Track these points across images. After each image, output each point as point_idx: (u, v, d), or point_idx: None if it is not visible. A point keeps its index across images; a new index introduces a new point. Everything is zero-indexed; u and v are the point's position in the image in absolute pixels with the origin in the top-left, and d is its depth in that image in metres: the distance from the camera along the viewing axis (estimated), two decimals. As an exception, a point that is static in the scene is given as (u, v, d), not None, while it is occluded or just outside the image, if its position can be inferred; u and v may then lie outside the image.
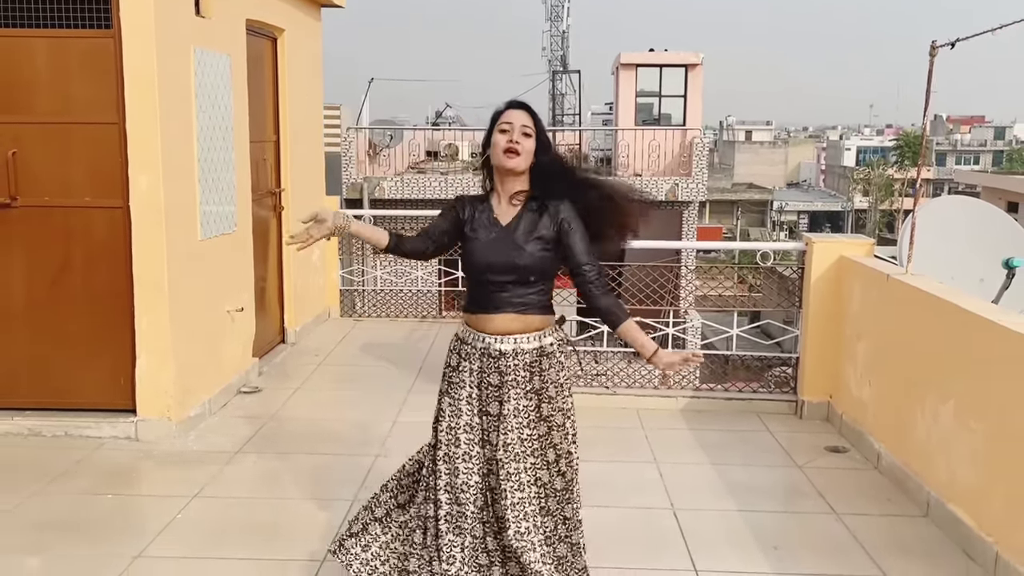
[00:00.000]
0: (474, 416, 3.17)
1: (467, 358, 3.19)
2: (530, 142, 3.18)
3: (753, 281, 31.47)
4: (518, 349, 3.15)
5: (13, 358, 5.41)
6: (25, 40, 5.17)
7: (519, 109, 3.24)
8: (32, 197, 5.27)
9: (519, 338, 3.15)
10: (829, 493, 4.81)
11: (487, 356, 3.15)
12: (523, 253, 3.14)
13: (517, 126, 3.17)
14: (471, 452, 3.14)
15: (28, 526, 4.24)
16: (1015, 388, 3.84)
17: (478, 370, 3.17)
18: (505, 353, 3.14)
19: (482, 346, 3.16)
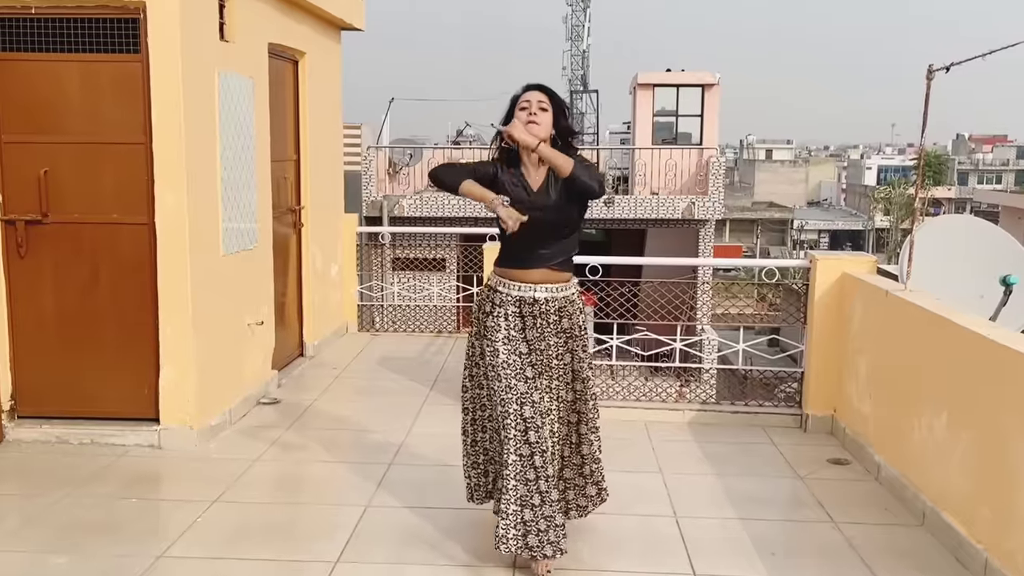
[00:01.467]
0: (511, 355, 3.85)
1: (501, 304, 3.88)
2: (546, 116, 3.82)
3: (773, 299, 31.55)
4: (550, 297, 3.89)
5: (43, 368, 5.64)
6: (58, 64, 5.41)
7: (535, 90, 3.88)
8: (62, 214, 5.50)
9: (550, 287, 3.89)
10: (829, 503, 4.94)
11: (524, 303, 3.87)
12: (550, 208, 3.82)
13: (534, 102, 3.81)
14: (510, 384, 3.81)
15: (58, 527, 4.44)
16: (1002, 400, 3.97)
17: (513, 314, 3.87)
18: (538, 300, 3.87)
19: (518, 294, 3.87)
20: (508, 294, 3.89)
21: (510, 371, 3.82)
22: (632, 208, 19.55)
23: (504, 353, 3.84)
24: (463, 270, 9.77)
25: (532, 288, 3.87)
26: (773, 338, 7.78)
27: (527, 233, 3.75)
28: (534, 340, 3.87)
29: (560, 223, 3.87)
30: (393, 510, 4.68)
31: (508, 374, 3.81)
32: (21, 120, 5.44)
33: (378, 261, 16.15)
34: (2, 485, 5.03)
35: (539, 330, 3.87)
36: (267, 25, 6.77)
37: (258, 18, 6.54)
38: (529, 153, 3.81)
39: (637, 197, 20.01)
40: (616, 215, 19.47)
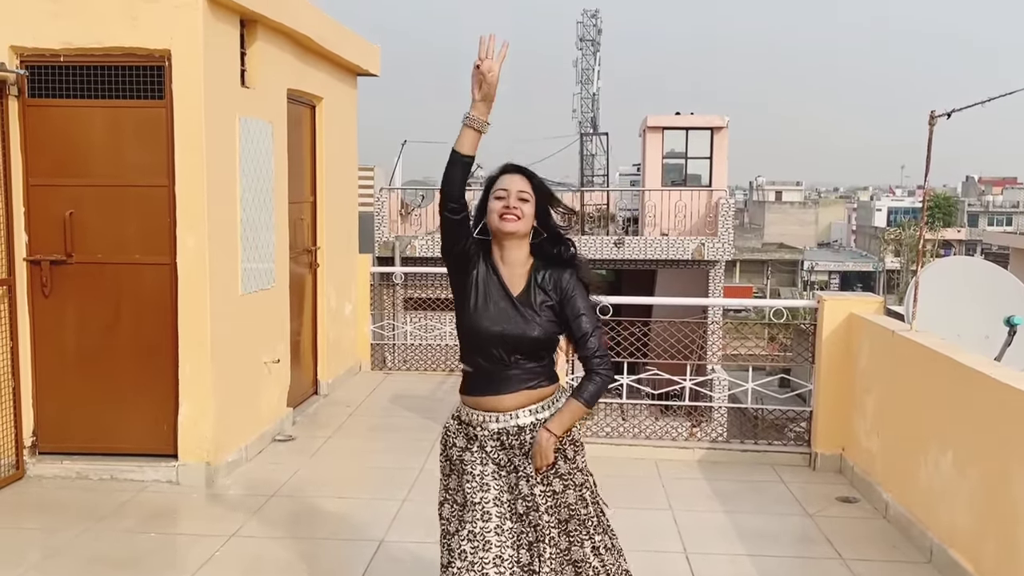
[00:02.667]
0: (502, 492, 3.03)
1: (475, 440, 3.07)
2: (528, 207, 3.05)
3: (784, 340, 31.54)
4: (536, 420, 3.04)
5: (64, 405, 5.75)
6: (84, 110, 5.60)
7: (515, 174, 3.09)
8: (86, 254, 5.65)
9: (535, 408, 3.05)
10: (837, 540, 5.00)
11: (506, 435, 3.03)
12: (534, 325, 3.01)
13: (513, 191, 3.04)
14: (503, 526, 3.00)
15: (80, 561, 4.54)
16: (1007, 438, 4.05)
17: (493, 449, 3.05)
18: (524, 427, 3.03)
19: (496, 427, 3.03)
20: (485, 426, 3.05)
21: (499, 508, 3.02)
22: (642, 249, 19.67)
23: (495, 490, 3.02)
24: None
25: (513, 415, 3.02)
26: (783, 378, 7.83)
27: (491, 344, 3.00)
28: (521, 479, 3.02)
29: (536, 342, 3.02)
30: (407, 545, 4.75)
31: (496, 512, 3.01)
32: (48, 163, 5.62)
33: (390, 301, 16.29)
34: (24, 520, 5.12)
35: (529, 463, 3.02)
36: (286, 71, 6.96)
37: (277, 65, 6.73)
38: (505, 242, 3.06)
39: (647, 238, 20.14)
40: (626, 255, 19.59)
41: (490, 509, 2.98)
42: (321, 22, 7.37)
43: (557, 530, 3.03)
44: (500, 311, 3.01)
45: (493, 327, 2.99)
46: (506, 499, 3.02)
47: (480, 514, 2.98)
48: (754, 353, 19.84)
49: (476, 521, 2.97)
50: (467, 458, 3.06)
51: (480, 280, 3.05)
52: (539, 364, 3.05)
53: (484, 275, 3.05)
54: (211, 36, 5.54)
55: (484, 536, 2.96)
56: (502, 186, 3.05)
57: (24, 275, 5.64)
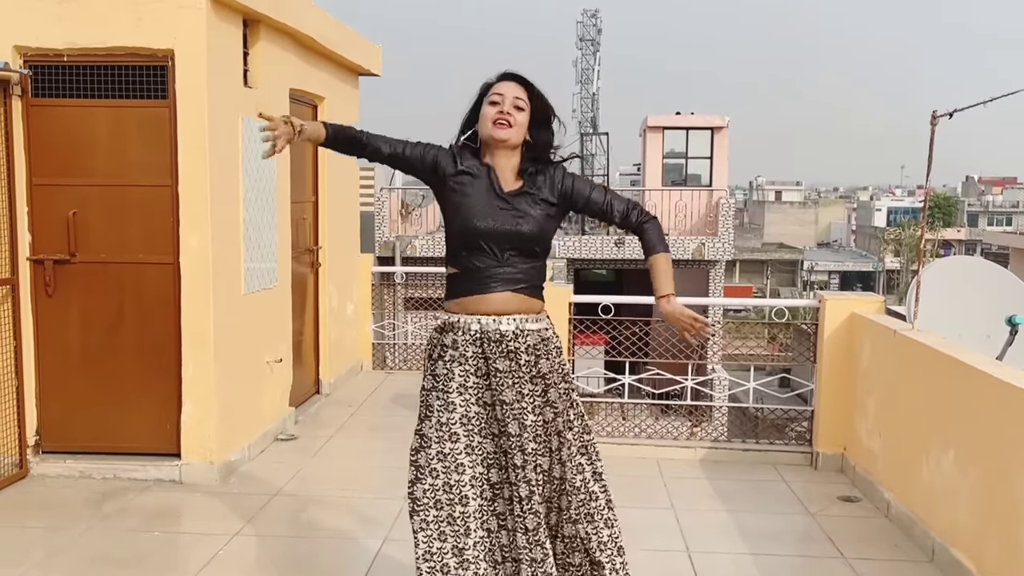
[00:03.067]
0: (470, 406, 2.96)
1: (456, 346, 2.96)
2: (522, 116, 2.99)
3: (784, 340, 31.56)
4: (520, 330, 2.95)
5: (67, 404, 5.76)
6: (87, 109, 5.60)
7: (512, 81, 3.03)
8: (89, 254, 5.66)
9: (520, 318, 2.97)
10: (839, 539, 5.01)
11: (487, 340, 2.95)
12: (529, 219, 2.96)
13: (509, 97, 2.98)
14: (472, 443, 2.97)
15: (83, 559, 4.55)
16: (1008, 437, 4.06)
17: (474, 355, 2.95)
18: (505, 335, 2.94)
19: (478, 328, 2.94)
20: (465, 328, 2.96)
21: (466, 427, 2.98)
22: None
23: (461, 406, 2.97)
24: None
25: (496, 320, 2.95)
26: (784, 377, 7.86)
27: (482, 239, 2.95)
28: (500, 391, 2.96)
29: (535, 239, 2.99)
30: (409, 543, 4.75)
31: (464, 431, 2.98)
32: (51, 163, 5.62)
33: (391, 300, 16.30)
34: (27, 519, 5.13)
35: (507, 376, 2.95)
36: (288, 71, 6.97)
37: (280, 65, 6.74)
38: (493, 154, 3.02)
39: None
40: (626, 255, 19.61)
41: (457, 430, 2.96)
42: (323, 22, 7.39)
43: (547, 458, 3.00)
44: (491, 207, 2.97)
45: (483, 222, 2.95)
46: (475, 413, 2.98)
47: (448, 434, 2.96)
48: (755, 353, 19.87)
49: (444, 441, 2.97)
50: (439, 370, 3.00)
51: (467, 180, 3.01)
52: (530, 265, 3.01)
53: (472, 176, 3.01)
54: (214, 36, 5.55)
55: (455, 457, 2.96)
56: (498, 91, 3.01)
57: (27, 274, 5.65)
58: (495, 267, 2.95)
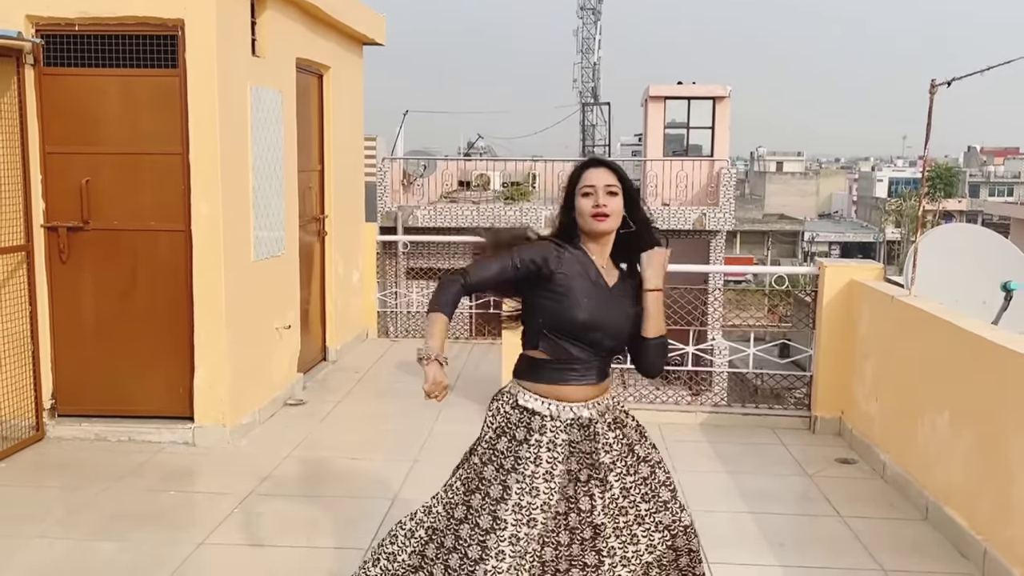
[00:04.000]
0: (553, 494, 2.84)
1: (542, 431, 2.88)
2: (616, 201, 2.95)
3: (784, 310, 31.74)
4: (605, 410, 2.95)
5: (82, 369, 5.89)
6: (99, 79, 5.68)
7: (600, 168, 2.99)
8: (102, 221, 5.76)
9: (602, 399, 2.96)
10: (836, 499, 5.15)
11: (576, 426, 2.90)
12: (630, 317, 2.95)
13: (600, 187, 2.93)
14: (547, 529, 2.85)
15: (102, 517, 4.69)
16: (1002, 398, 4.19)
17: (564, 442, 2.88)
18: (594, 419, 2.91)
19: (572, 416, 2.89)
20: (555, 417, 2.88)
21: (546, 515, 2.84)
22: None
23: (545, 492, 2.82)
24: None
25: (586, 406, 2.90)
26: (784, 346, 7.96)
27: (587, 333, 2.89)
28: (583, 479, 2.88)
29: (627, 335, 2.97)
30: (419, 503, 4.89)
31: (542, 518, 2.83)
32: (64, 132, 5.71)
33: (392, 270, 16.41)
34: (46, 479, 5.27)
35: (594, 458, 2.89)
36: (295, 41, 7.04)
37: (287, 34, 6.81)
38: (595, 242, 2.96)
39: (649, 208, 20.14)
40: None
41: (536, 515, 2.83)
42: (329, -9, 7.44)
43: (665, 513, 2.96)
44: (600, 303, 2.90)
45: (594, 318, 2.88)
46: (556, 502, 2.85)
47: (526, 519, 2.81)
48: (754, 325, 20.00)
49: (520, 525, 2.81)
50: (522, 454, 2.86)
51: (573, 273, 2.91)
52: (612, 357, 3.01)
53: (576, 268, 2.92)
54: (223, 5, 5.62)
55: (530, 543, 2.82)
56: (588, 182, 2.95)
57: (42, 242, 5.76)
58: (592, 358, 2.93)
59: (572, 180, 3.00)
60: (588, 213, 2.91)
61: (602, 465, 2.88)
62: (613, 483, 2.89)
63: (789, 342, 7.39)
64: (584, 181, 2.95)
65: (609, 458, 2.90)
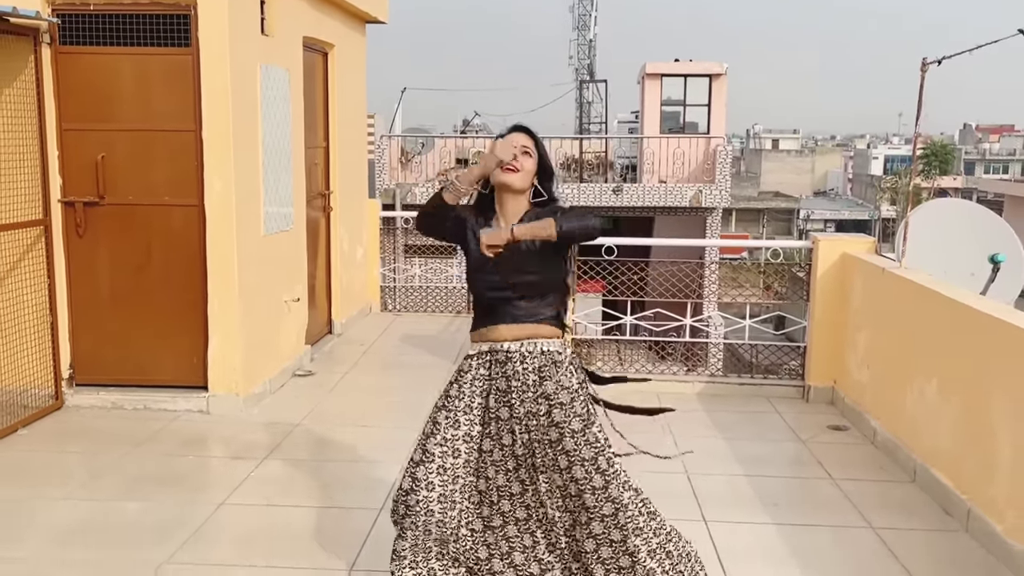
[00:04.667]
0: (474, 425, 3.19)
1: (469, 369, 3.23)
2: (530, 161, 3.22)
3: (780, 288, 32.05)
4: (527, 353, 3.17)
5: (99, 339, 6.07)
6: (114, 57, 5.83)
7: (520, 132, 3.29)
8: (118, 196, 5.92)
9: (526, 342, 3.19)
10: (828, 463, 5.37)
11: (494, 362, 3.19)
12: (532, 267, 3.18)
13: (516, 145, 3.22)
14: (470, 459, 3.20)
15: (124, 479, 4.89)
16: (986, 364, 4.39)
17: (484, 377, 3.20)
18: (511, 355, 3.17)
19: (486, 349, 3.21)
20: (479, 354, 3.23)
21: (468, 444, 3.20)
22: (640, 196, 19.93)
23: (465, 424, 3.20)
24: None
25: (505, 344, 3.19)
26: (779, 315, 8.16)
27: (491, 290, 3.21)
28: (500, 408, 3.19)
29: (534, 285, 3.20)
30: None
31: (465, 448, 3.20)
32: (79, 109, 5.87)
33: (391, 247, 16.58)
34: (66, 445, 5.47)
35: (513, 397, 3.16)
36: (302, 19, 7.18)
37: (294, 13, 6.95)
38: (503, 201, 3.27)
39: (645, 185, 20.38)
40: (625, 203, 19.85)
41: (460, 447, 3.19)
42: (334, -29, 7.57)
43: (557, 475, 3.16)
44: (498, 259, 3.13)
45: (490, 274, 3.18)
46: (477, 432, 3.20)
47: (451, 451, 3.18)
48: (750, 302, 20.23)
49: (447, 456, 3.18)
50: (451, 392, 3.24)
51: (476, 231, 3.21)
52: (540, 305, 3.21)
53: (480, 225, 3.24)
54: (234, -15, 5.76)
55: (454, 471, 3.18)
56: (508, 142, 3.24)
57: (59, 216, 5.92)
58: (503, 306, 3.20)
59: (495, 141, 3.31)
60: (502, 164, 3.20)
61: (516, 410, 3.16)
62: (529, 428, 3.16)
63: (784, 314, 7.59)
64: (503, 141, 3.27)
65: (524, 409, 3.16)
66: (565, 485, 3.17)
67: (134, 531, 4.29)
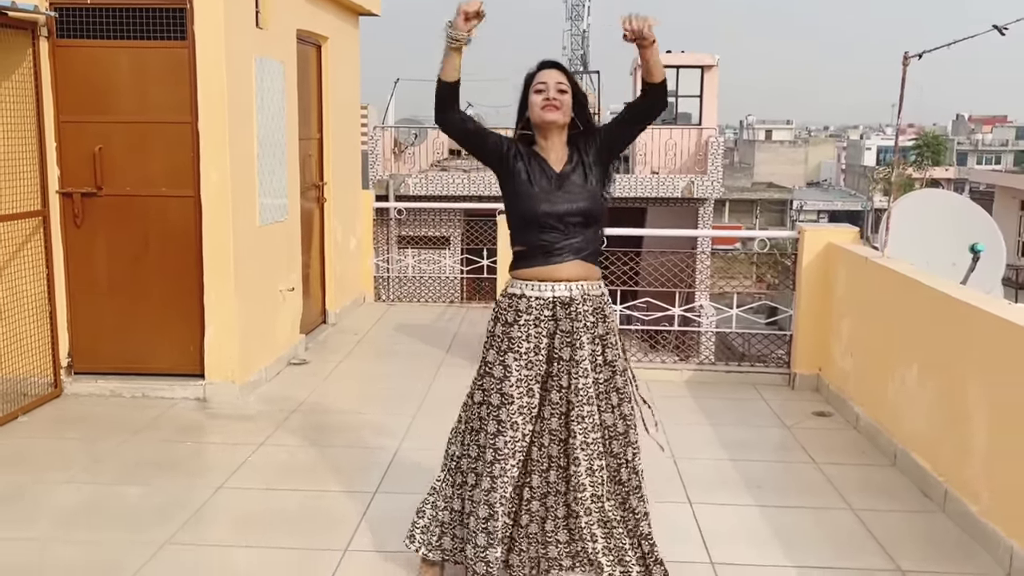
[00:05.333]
0: (542, 364, 3.28)
1: (528, 311, 3.28)
2: (567, 97, 3.29)
3: (772, 279, 32.18)
4: (586, 295, 3.30)
5: (97, 328, 6.18)
6: (111, 50, 5.92)
7: (552, 68, 3.34)
8: (115, 187, 6.02)
9: (586, 284, 3.31)
10: (811, 448, 5.50)
11: (558, 305, 3.28)
12: (583, 192, 3.29)
13: (552, 84, 3.28)
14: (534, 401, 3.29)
15: (126, 464, 5.01)
16: (962, 350, 4.52)
17: (548, 318, 3.28)
18: (575, 299, 3.28)
19: (552, 295, 3.28)
20: (540, 297, 3.29)
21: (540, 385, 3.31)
22: (633, 187, 20.04)
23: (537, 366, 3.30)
24: (468, 244, 10.36)
25: (568, 287, 3.29)
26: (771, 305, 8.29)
27: (547, 219, 3.28)
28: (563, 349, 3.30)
29: (588, 212, 3.31)
30: (422, 452, 5.22)
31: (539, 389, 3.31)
32: (77, 101, 5.96)
33: (384, 238, 16.68)
34: (66, 431, 5.57)
35: (573, 338, 3.28)
36: (296, 12, 7.27)
37: (288, 6, 7.04)
38: (546, 136, 3.34)
39: (637, 176, 20.49)
40: (617, 194, 19.95)
41: (534, 387, 3.28)
42: (328, -36, 7.66)
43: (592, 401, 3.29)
44: (547, 189, 3.29)
45: (541, 205, 3.27)
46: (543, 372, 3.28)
47: (526, 390, 3.27)
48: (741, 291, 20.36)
49: (523, 396, 3.27)
50: (514, 334, 3.29)
51: (524, 167, 3.32)
52: (590, 235, 3.33)
53: (527, 162, 3.33)
54: (230, -21, 5.85)
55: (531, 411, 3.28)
56: (541, 80, 3.30)
57: (57, 207, 6.02)
58: (561, 240, 3.28)
59: (527, 81, 3.35)
60: (539, 105, 3.28)
61: (578, 353, 3.26)
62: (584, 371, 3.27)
63: (771, 303, 7.72)
64: (537, 79, 3.31)
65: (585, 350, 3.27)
66: (614, 423, 3.36)
67: (135, 513, 4.40)
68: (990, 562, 4.02)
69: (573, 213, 3.28)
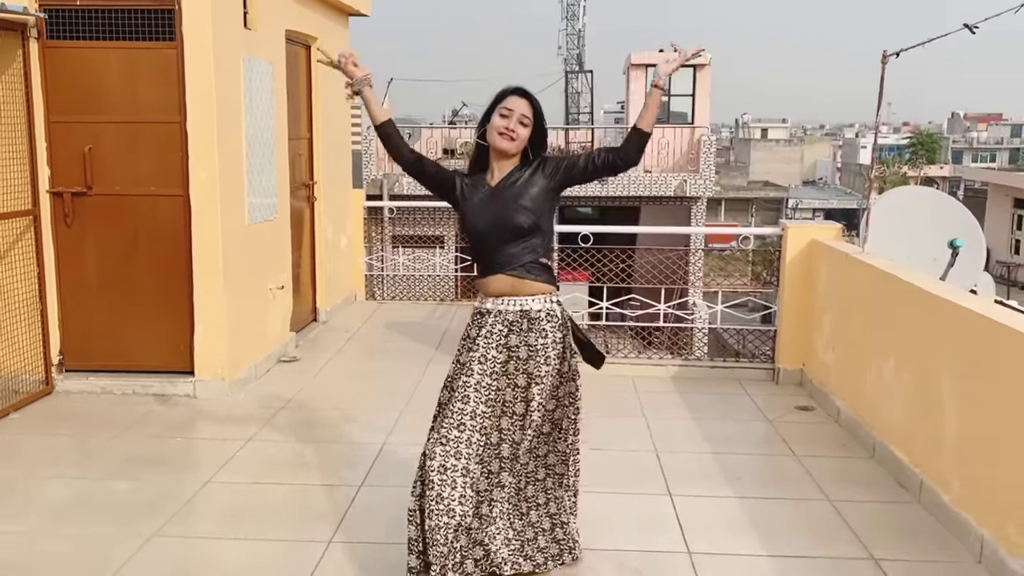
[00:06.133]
0: (485, 376, 3.37)
1: (480, 324, 3.43)
2: (525, 131, 3.39)
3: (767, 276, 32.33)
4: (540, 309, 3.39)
5: (88, 326, 6.25)
6: (100, 51, 5.99)
7: (523, 98, 3.41)
8: (105, 186, 6.09)
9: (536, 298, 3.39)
10: (793, 441, 5.58)
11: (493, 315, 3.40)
12: (514, 207, 3.36)
13: (516, 114, 3.37)
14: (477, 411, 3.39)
15: (114, 460, 5.08)
16: (935, 343, 4.60)
17: (498, 332, 3.37)
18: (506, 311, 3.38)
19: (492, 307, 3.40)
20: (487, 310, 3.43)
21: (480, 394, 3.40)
22: (626, 186, 20.12)
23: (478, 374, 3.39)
24: (462, 242, 10.43)
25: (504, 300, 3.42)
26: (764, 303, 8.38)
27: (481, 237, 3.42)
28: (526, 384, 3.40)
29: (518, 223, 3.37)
30: (408, 447, 5.29)
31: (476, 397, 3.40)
32: (67, 102, 6.03)
33: (378, 237, 16.75)
34: (58, 428, 5.64)
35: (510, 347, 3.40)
36: (284, 13, 7.34)
37: (276, 7, 7.11)
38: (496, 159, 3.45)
39: (631, 175, 20.56)
40: (610, 192, 20.05)
41: (469, 393, 3.38)
42: (316, -35, 7.72)
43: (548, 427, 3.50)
44: (478, 204, 3.43)
45: (471, 218, 3.44)
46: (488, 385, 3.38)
47: (460, 396, 3.39)
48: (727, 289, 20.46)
49: (455, 402, 3.39)
50: (468, 344, 3.45)
51: (465, 186, 3.48)
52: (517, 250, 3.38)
53: (469, 182, 3.48)
54: (217, -19, 5.92)
55: (460, 418, 3.38)
56: (508, 106, 3.40)
57: (47, 206, 6.09)
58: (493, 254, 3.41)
59: (497, 98, 3.45)
60: (498, 130, 3.39)
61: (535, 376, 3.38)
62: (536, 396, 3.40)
63: (756, 300, 7.80)
64: (506, 103, 3.41)
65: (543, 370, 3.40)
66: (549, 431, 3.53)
67: (124, 507, 4.47)
68: (962, 550, 4.10)
69: (500, 226, 3.38)
